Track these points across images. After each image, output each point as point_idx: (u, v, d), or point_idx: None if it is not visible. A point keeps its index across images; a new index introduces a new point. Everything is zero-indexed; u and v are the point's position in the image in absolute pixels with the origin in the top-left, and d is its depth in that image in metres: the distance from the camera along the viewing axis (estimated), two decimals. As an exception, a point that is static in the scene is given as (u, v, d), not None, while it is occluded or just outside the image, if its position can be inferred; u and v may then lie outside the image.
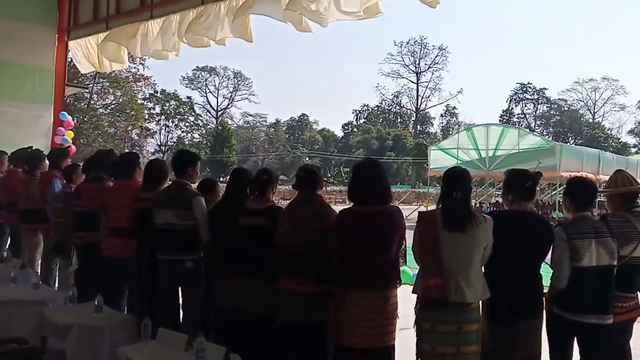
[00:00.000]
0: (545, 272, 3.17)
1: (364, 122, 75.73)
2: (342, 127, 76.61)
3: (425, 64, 73.37)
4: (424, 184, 50.56)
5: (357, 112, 77.72)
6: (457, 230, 2.89)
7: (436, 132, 74.54)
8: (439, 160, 23.17)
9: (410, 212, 19.54)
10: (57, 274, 5.30)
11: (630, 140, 67.63)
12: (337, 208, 3.50)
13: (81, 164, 5.04)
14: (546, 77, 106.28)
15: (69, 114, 8.91)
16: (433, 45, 76.73)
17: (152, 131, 59.67)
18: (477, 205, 26.68)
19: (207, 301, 3.91)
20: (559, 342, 3.16)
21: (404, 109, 76.87)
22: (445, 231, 2.91)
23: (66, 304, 3.93)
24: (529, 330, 3.04)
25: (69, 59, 8.93)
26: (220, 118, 69.68)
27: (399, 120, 76.36)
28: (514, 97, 72.99)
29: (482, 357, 2.95)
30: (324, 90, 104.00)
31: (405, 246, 4.75)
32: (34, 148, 5.98)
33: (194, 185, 4.13)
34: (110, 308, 3.84)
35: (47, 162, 5.63)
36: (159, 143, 62.04)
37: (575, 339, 3.15)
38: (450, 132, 72.77)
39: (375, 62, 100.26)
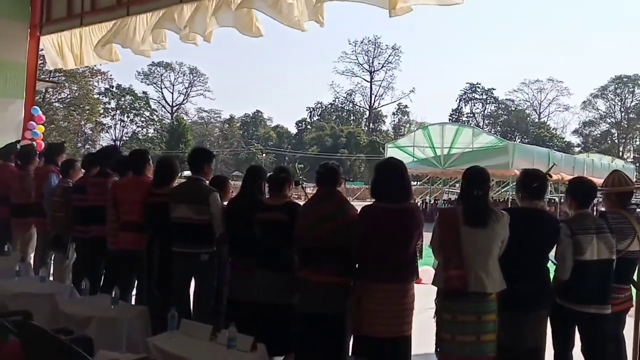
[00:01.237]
0: (550, 265, 3.43)
1: (317, 120, 76.18)
2: (296, 124, 76.85)
3: (379, 63, 74.74)
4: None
5: (311, 109, 78.17)
6: (478, 226, 3.09)
7: (388, 130, 75.89)
8: (395, 157, 23.72)
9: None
10: (52, 267, 5.26)
11: (574, 139, 71.29)
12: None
13: (79, 160, 5.01)
14: (494, 77, 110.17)
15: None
16: (386, 45, 78.10)
17: (107, 126, 59.24)
18: (432, 201, 27.48)
19: (218, 293, 4.05)
20: (562, 331, 3.41)
21: (357, 106, 77.92)
22: (466, 227, 3.11)
23: (73, 296, 3.99)
24: (537, 320, 3.27)
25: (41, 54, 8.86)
26: (176, 113, 69.02)
27: (352, 118, 77.24)
28: (464, 96, 75.26)
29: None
30: (279, 87, 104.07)
31: (422, 242, 4.95)
32: (22, 143, 5.88)
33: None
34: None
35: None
36: (114, 137, 60.99)
37: (577, 328, 3.42)
38: (402, 130, 74.47)
39: (329, 61, 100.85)
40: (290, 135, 74.76)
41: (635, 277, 3.64)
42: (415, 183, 26.90)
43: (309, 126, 75.35)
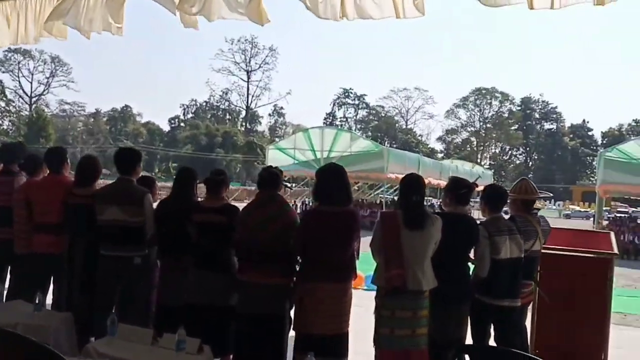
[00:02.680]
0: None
1: (192, 118, 74.17)
2: (169, 121, 74.26)
3: (256, 63, 74.94)
4: (254, 181, 51.46)
5: (185, 106, 75.96)
6: (416, 229, 3.36)
7: (264, 131, 76.37)
8: (276, 159, 23.99)
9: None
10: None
11: (438, 146, 77.64)
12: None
13: None
14: (366, 83, 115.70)
15: None
16: (263, 45, 78.67)
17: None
18: (311, 203, 28.10)
19: (149, 296, 3.94)
20: (480, 323, 3.80)
21: (233, 106, 77.27)
22: (406, 230, 3.36)
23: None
24: (460, 314, 3.64)
25: None
26: (35, 105, 62.94)
27: (228, 117, 76.45)
28: (337, 101, 78.31)
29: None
30: (150, 81, 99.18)
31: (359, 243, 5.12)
32: None
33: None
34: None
35: None
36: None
37: (492, 320, 3.83)
38: (278, 132, 75.40)
39: (206, 57, 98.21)
40: (162, 132, 71.94)
41: (536, 275, 4.18)
42: (294, 185, 27.36)
43: (182, 124, 73.09)
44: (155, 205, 3.97)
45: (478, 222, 3.79)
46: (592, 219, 23.20)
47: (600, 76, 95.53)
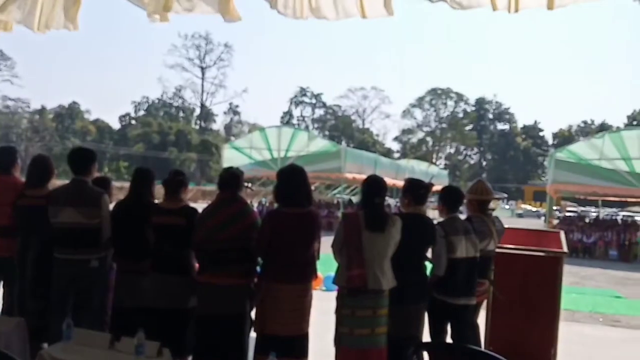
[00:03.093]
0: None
1: (144, 115, 72.35)
2: (119, 118, 72.24)
3: (211, 60, 73.92)
4: (210, 181, 50.81)
5: (137, 103, 74.05)
6: (377, 230, 3.41)
7: (220, 129, 75.39)
8: (232, 158, 23.84)
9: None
10: None
11: (394, 146, 78.62)
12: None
13: None
14: (323, 82, 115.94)
15: None
16: (218, 42, 77.89)
17: None
18: (268, 204, 28.00)
19: (106, 300, 3.87)
20: (437, 321, 3.90)
21: (187, 103, 75.93)
22: (367, 231, 3.40)
23: None
24: (418, 312, 3.72)
25: None
26: (-26, 101, 59.44)
27: (181, 114, 75.05)
28: (294, 99, 78.19)
29: None
30: (99, 77, 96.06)
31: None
32: None
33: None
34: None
35: None
36: None
37: (449, 318, 3.92)
38: (233, 130, 74.63)
39: (158, 53, 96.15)
40: (112, 130, 69.92)
41: (490, 273, 4.31)
42: (251, 184, 27.17)
43: (133, 121, 71.25)
44: (111, 206, 3.87)
45: (435, 222, 3.88)
46: (543, 218, 24.14)
47: (551, 78, 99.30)
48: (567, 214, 29.59)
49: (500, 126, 78.02)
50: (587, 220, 23.65)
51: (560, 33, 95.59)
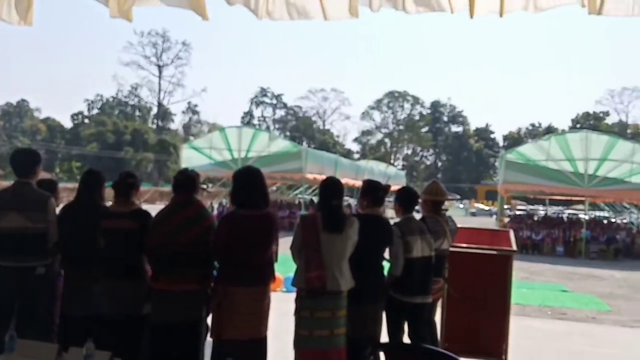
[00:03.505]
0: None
1: (97, 114, 70.33)
2: (72, 117, 69.93)
3: (169, 58, 72.67)
4: (168, 182, 49.86)
5: (90, 102, 71.88)
6: (335, 232, 3.43)
7: (178, 129, 74.12)
8: (191, 159, 23.51)
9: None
10: None
11: (354, 147, 79.42)
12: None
13: None
14: (284, 83, 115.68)
15: None
16: (176, 40, 76.48)
17: None
18: (228, 204, 27.76)
19: (52, 309, 3.70)
20: (395, 320, 3.95)
21: (143, 102, 74.26)
22: (325, 232, 3.42)
23: None
24: (375, 312, 3.75)
25: None
26: None
27: (137, 114, 73.37)
28: (255, 100, 77.67)
29: None
30: (50, 74, 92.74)
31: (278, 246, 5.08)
32: None
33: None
34: None
35: None
36: None
37: (405, 317, 3.98)
38: (192, 130, 73.50)
39: (113, 50, 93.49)
40: (64, 129, 67.69)
41: (444, 271, 4.42)
42: (211, 185, 26.83)
43: (86, 120, 69.15)
44: (58, 210, 3.73)
45: (392, 222, 3.94)
46: (495, 216, 24.88)
47: (502, 83, 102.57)
48: (517, 212, 30.62)
49: (454, 128, 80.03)
50: (535, 218, 24.59)
51: (510, 39, 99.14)
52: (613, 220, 25.51)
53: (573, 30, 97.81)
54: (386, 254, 3.89)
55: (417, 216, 4.19)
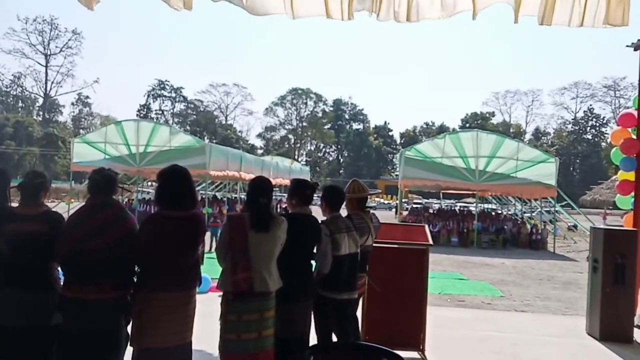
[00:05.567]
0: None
1: (-27, 104, 63.66)
2: (-58, 106, 62.53)
3: (57, 47, 67.47)
4: (55, 178, 46.32)
5: (-35, 90, 64.80)
6: (262, 231, 3.35)
7: (67, 121, 69.15)
8: (84, 153, 22.05)
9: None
10: None
11: (258, 142, 79.06)
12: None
13: None
14: (183, 77, 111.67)
15: None
16: (66, 28, 71.21)
17: None
18: (126, 201, 26.39)
19: None
20: (323, 317, 3.94)
21: (27, 92, 68.35)
22: (252, 232, 3.34)
23: None
24: (304, 310, 3.73)
25: None
26: None
27: (20, 105, 67.39)
28: (152, 92, 74.39)
29: None
30: None
31: (204, 248, 4.83)
32: None
33: None
34: None
35: None
36: None
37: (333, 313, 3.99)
38: (83, 123, 68.91)
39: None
40: None
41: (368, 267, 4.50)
42: (128, 184, 25.24)
43: (-39, 111, 62.29)
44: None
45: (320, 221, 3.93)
46: (394, 209, 25.98)
47: (399, 83, 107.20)
48: (414, 205, 32.19)
49: (355, 126, 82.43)
50: (431, 211, 25.97)
51: (406, 42, 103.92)
52: (500, 212, 27.63)
53: (462, 36, 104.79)
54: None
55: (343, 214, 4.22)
